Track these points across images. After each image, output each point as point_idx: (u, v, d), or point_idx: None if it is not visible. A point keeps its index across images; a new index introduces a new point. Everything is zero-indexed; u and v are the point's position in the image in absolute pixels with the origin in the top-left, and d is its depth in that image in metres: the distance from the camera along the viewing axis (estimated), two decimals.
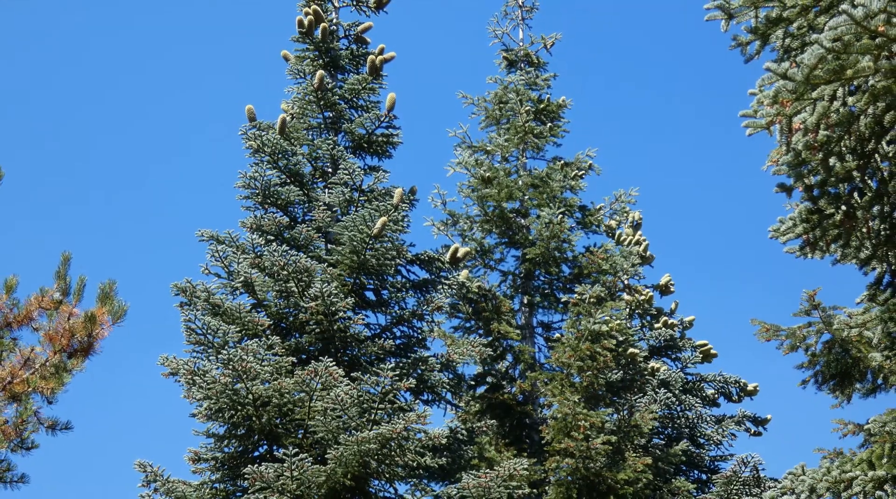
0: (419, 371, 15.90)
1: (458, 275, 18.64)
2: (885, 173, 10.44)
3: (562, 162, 23.03)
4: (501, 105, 23.49)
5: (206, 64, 52.57)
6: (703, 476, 22.86)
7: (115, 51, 51.24)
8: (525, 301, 22.20)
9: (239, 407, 14.49)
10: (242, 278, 15.79)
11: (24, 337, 12.24)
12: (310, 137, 18.05)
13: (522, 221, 22.51)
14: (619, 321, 19.58)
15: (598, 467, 17.49)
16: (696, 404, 22.63)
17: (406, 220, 16.34)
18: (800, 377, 13.43)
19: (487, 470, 14.71)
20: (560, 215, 21.47)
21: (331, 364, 14.30)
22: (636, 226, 25.56)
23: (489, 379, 21.19)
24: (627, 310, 23.40)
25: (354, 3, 19.25)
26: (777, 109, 9.44)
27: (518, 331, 21.14)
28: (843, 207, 10.67)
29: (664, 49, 55.62)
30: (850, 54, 8.82)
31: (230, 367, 14.10)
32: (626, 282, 23.38)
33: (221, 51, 52.75)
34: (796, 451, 47.98)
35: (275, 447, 14.96)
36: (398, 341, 16.70)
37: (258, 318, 15.56)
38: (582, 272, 21.65)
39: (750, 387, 24.58)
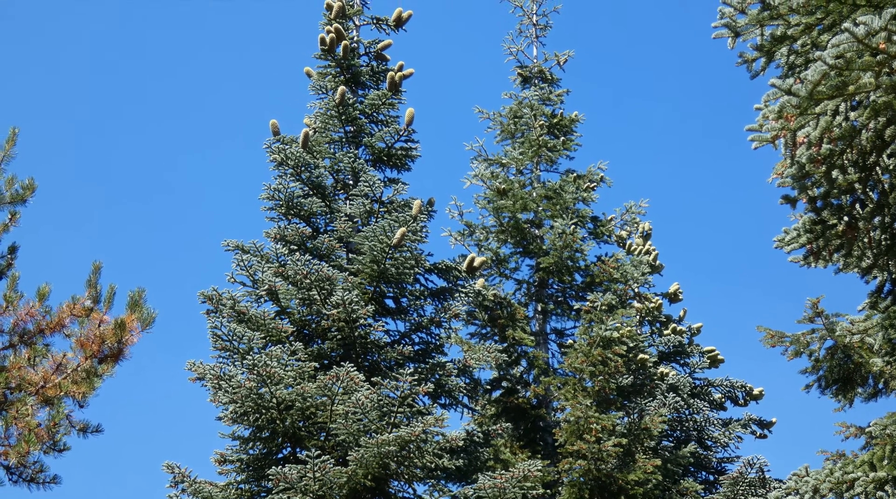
0: (437, 376, 16.06)
1: (475, 283, 18.72)
2: (886, 185, 10.43)
3: (574, 174, 23.12)
4: (516, 120, 23.64)
5: (233, 77, 53.03)
6: (711, 477, 22.98)
7: (143, 61, 51.65)
8: (539, 308, 22.33)
9: (263, 411, 14.67)
10: (267, 287, 16.01)
11: (56, 343, 12.59)
12: (331, 150, 18.21)
13: (536, 231, 22.65)
14: (629, 328, 19.57)
15: (610, 469, 17.56)
16: (704, 408, 22.68)
17: (424, 230, 16.44)
18: (804, 382, 13.60)
19: (503, 471, 14.81)
20: (573, 226, 21.57)
21: (352, 369, 14.48)
22: (646, 236, 25.84)
23: (504, 384, 21.24)
24: (638, 317, 23.52)
25: (375, 21, 19.49)
26: (782, 124, 9.44)
27: (532, 337, 21.19)
28: (846, 218, 10.71)
29: (673, 65, 55.84)
30: (853, 71, 8.84)
31: (255, 372, 14.27)
32: (636, 290, 23.54)
33: (249, 65, 53.23)
34: (800, 453, 47.88)
35: (298, 449, 15.11)
36: (417, 347, 16.89)
37: (282, 325, 15.72)
38: (594, 281, 21.78)
39: (756, 391, 24.76)
